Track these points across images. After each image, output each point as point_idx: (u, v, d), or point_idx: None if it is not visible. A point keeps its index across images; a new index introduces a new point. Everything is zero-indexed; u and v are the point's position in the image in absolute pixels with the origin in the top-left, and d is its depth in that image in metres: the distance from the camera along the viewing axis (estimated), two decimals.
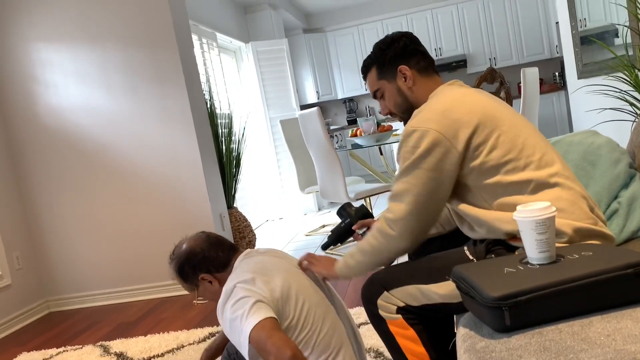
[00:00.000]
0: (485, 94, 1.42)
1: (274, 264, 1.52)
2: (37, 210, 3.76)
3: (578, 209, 1.27)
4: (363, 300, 1.42)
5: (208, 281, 1.57)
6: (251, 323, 1.33)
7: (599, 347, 0.88)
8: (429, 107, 1.36)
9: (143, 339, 2.82)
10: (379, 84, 1.55)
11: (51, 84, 3.64)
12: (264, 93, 5.99)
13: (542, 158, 1.31)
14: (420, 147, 1.31)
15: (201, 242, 1.59)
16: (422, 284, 1.32)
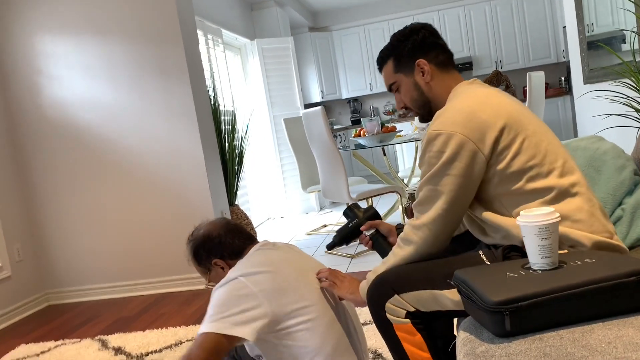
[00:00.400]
0: (507, 96, 1.38)
1: (287, 262, 1.50)
2: (39, 202, 3.77)
3: (597, 221, 1.25)
4: (369, 301, 1.35)
5: (220, 267, 1.58)
6: (205, 327, 1.35)
7: (600, 355, 0.87)
8: (454, 108, 1.31)
9: (141, 334, 2.82)
10: (395, 77, 1.49)
11: (55, 77, 3.64)
12: (268, 91, 5.98)
13: (564, 165, 1.28)
14: (446, 151, 1.26)
15: (219, 228, 1.59)
16: (436, 289, 1.26)
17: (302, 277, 1.48)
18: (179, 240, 3.64)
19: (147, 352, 2.56)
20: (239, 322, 1.34)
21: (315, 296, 1.46)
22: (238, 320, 1.34)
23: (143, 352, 2.57)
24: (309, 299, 1.44)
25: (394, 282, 1.31)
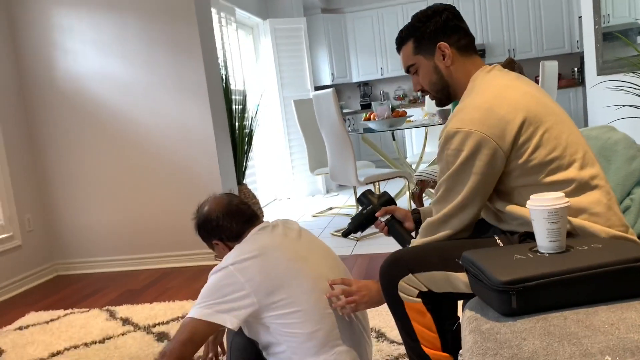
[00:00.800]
0: (526, 83, 1.36)
1: (280, 248, 1.51)
2: (50, 174, 3.81)
3: (614, 215, 1.25)
4: (383, 278, 1.35)
5: (220, 247, 1.63)
6: (191, 313, 1.43)
7: (602, 335, 0.89)
8: (472, 105, 1.30)
9: (149, 306, 2.87)
10: (415, 59, 1.46)
11: (70, 50, 3.66)
12: (279, 72, 5.97)
13: (585, 156, 1.28)
14: (464, 149, 1.26)
15: (220, 209, 1.61)
16: (451, 271, 1.27)
17: (294, 263, 1.48)
18: (187, 217, 3.68)
19: (155, 324, 2.61)
20: (223, 310, 1.41)
21: (309, 283, 1.47)
22: (222, 309, 1.41)
23: (150, 323, 2.63)
24: (300, 287, 1.46)
25: (409, 262, 1.32)
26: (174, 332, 2.46)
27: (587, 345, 0.87)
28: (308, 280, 1.48)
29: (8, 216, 3.52)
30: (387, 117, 4.29)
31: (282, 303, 1.44)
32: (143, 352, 2.30)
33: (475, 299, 1.20)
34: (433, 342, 1.35)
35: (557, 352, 0.87)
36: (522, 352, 0.89)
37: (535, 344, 0.90)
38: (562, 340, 0.90)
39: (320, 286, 1.49)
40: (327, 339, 1.47)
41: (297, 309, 1.45)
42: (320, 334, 1.46)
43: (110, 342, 2.45)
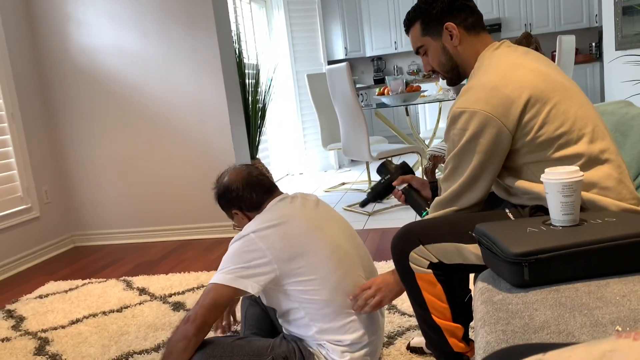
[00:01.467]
0: (535, 59, 1.36)
1: (300, 217, 1.53)
2: (67, 147, 3.86)
3: (625, 188, 1.26)
4: (394, 250, 1.39)
5: (240, 217, 1.66)
6: (214, 279, 1.46)
7: (614, 306, 0.91)
8: (477, 84, 1.31)
9: (164, 277, 2.93)
10: (423, 40, 1.47)
11: (84, 23, 3.66)
12: (292, 46, 5.93)
13: (594, 130, 1.27)
14: (469, 129, 1.28)
15: (240, 180, 1.64)
16: (461, 243, 1.29)
17: (313, 232, 1.51)
18: (202, 190, 3.72)
19: (170, 294, 2.67)
20: (244, 275, 1.44)
21: (326, 252, 1.50)
22: (245, 275, 1.44)
23: (166, 293, 2.68)
24: (318, 255, 1.49)
25: (421, 233, 1.34)
26: (189, 302, 2.52)
27: (598, 316, 0.88)
28: (326, 248, 1.51)
29: (26, 188, 3.58)
30: (400, 92, 4.27)
31: (301, 270, 1.47)
32: (160, 321, 2.35)
33: (488, 270, 1.22)
34: (444, 312, 1.38)
35: (568, 322, 0.88)
36: (533, 322, 0.91)
37: (546, 314, 0.92)
38: (573, 311, 0.91)
39: (337, 255, 1.52)
40: (344, 306, 1.51)
41: (315, 276, 1.48)
42: (337, 301, 1.50)
43: (128, 311, 2.51)
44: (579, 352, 0.42)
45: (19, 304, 2.76)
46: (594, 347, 0.42)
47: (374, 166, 6.04)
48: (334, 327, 1.51)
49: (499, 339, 0.89)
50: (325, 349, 1.53)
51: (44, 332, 2.37)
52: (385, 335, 1.96)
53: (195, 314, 1.43)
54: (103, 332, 2.31)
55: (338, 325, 1.51)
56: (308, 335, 1.54)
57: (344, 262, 1.53)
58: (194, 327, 1.43)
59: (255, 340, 1.55)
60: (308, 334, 1.53)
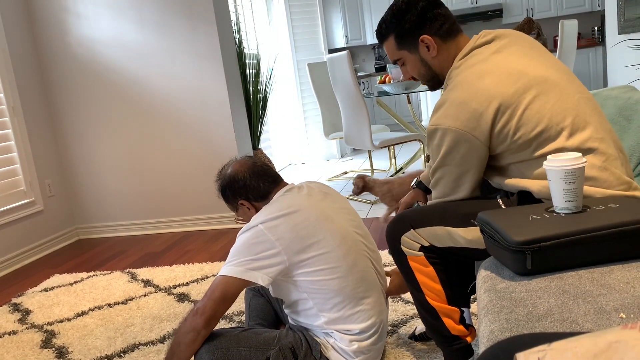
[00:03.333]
0: (509, 54, 1.34)
1: (308, 207, 1.53)
2: (69, 139, 3.86)
3: (611, 175, 1.25)
4: (388, 234, 1.45)
5: (246, 207, 1.63)
6: (222, 271, 1.46)
7: (618, 293, 0.90)
8: (448, 99, 1.33)
9: (169, 269, 2.94)
10: (400, 54, 1.47)
11: (83, 15, 3.65)
12: (293, 35, 5.90)
13: (573, 121, 1.27)
14: (443, 145, 1.33)
15: (246, 169, 1.63)
16: (450, 226, 1.34)
17: (322, 222, 1.51)
18: (204, 181, 3.72)
19: (175, 285, 2.68)
20: (254, 268, 1.44)
21: (335, 241, 1.50)
22: (254, 267, 1.44)
23: (171, 284, 2.70)
24: (327, 245, 1.49)
25: (412, 219, 1.41)
26: (194, 293, 2.53)
27: (601, 303, 0.88)
28: (335, 238, 1.50)
29: (29, 182, 3.59)
30: (402, 80, 4.24)
31: (311, 261, 1.47)
32: (165, 312, 2.37)
33: (491, 258, 1.22)
34: (438, 294, 1.42)
35: (571, 310, 0.88)
36: (536, 309, 0.91)
37: (550, 302, 0.92)
38: (577, 298, 0.91)
39: (347, 244, 1.52)
40: (353, 295, 1.51)
41: (325, 266, 1.48)
42: (346, 290, 1.51)
43: (133, 303, 2.52)
44: (584, 343, 0.41)
45: (24, 297, 2.78)
46: (599, 337, 0.41)
47: (376, 155, 6.03)
48: (343, 317, 1.52)
49: (502, 328, 0.89)
50: (332, 338, 1.53)
51: (49, 325, 2.39)
52: (389, 323, 1.97)
53: (204, 306, 1.43)
54: (109, 324, 2.32)
55: (347, 314, 1.52)
56: (316, 325, 1.54)
57: (352, 251, 1.53)
58: (203, 320, 1.43)
59: (261, 332, 1.55)
60: (316, 323, 1.54)
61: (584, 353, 0.41)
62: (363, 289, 1.53)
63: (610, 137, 1.30)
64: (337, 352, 1.53)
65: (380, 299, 1.60)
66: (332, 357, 1.53)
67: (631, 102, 1.62)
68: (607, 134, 1.30)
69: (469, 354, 1.46)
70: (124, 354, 2.03)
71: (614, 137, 1.32)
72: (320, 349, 1.53)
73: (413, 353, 1.77)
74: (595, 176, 1.25)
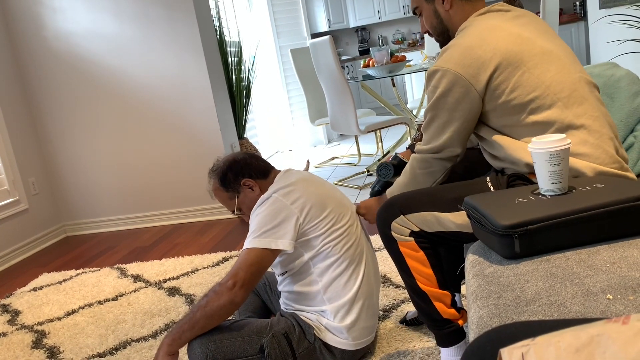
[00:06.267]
0: (521, 24, 1.36)
1: (313, 181, 1.62)
2: (50, 136, 3.80)
3: (603, 152, 1.25)
4: (378, 221, 1.46)
5: (249, 187, 1.65)
6: (248, 244, 1.48)
7: (604, 274, 0.90)
8: (455, 44, 1.35)
9: (158, 263, 2.92)
10: (418, 2, 1.51)
11: (59, 9, 3.57)
12: (274, 20, 5.83)
13: (571, 95, 1.28)
14: (440, 87, 1.34)
15: (241, 154, 1.70)
16: (440, 211, 1.35)
17: (328, 194, 1.60)
18: (190, 173, 3.69)
19: (165, 279, 2.66)
20: (278, 235, 1.48)
21: (341, 209, 1.59)
22: (277, 234, 1.47)
23: (161, 279, 2.68)
24: (339, 210, 1.58)
25: (402, 204, 1.41)
26: (184, 287, 2.51)
27: (589, 285, 0.88)
28: (341, 206, 1.60)
29: (12, 180, 3.54)
30: (386, 63, 4.22)
31: (322, 223, 1.54)
32: (156, 307, 2.35)
33: (478, 242, 1.22)
34: (428, 278, 1.43)
35: (559, 293, 0.88)
36: (525, 294, 0.90)
37: (538, 285, 0.92)
38: (564, 281, 0.91)
39: (350, 214, 1.63)
40: (351, 258, 1.58)
41: (334, 227, 1.55)
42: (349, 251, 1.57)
43: (123, 299, 2.51)
44: (567, 337, 0.41)
45: (13, 297, 2.75)
46: (582, 331, 0.41)
47: (363, 139, 6.02)
48: (337, 282, 1.56)
49: (491, 314, 0.89)
50: (325, 317, 1.55)
51: (40, 325, 2.37)
52: (380, 309, 1.98)
53: (242, 279, 1.44)
54: (99, 321, 2.31)
55: (342, 279, 1.56)
56: (311, 295, 1.57)
57: (352, 220, 1.62)
58: (243, 291, 1.44)
59: (253, 321, 1.57)
60: (313, 290, 1.57)
61: (567, 347, 0.41)
62: (359, 252, 1.60)
63: (605, 119, 1.31)
64: (330, 332, 1.55)
65: (372, 271, 1.65)
66: (326, 338, 1.55)
67: (614, 80, 1.61)
68: (602, 115, 1.31)
69: (461, 337, 1.47)
70: (116, 351, 2.02)
71: (609, 120, 1.33)
72: (313, 332, 1.54)
73: (405, 337, 1.77)
74: (587, 152, 1.25)
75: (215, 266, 2.74)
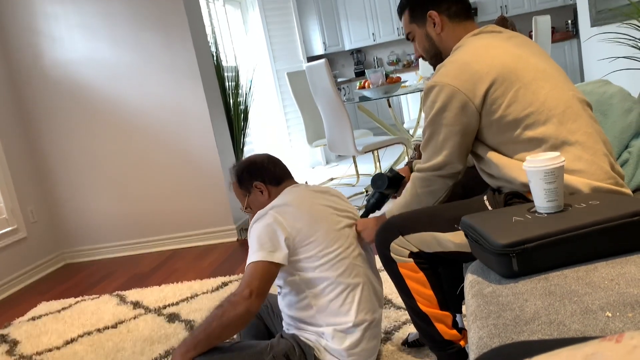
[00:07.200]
0: (516, 44, 1.38)
1: (316, 199, 1.63)
2: (49, 164, 3.81)
3: (598, 168, 1.26)
4: (377, 242, 1.46)
5: (259, 190, 1.70)
6: (251, 258, 1.50)
7: (603, 291, 0.90)
8: (450, 61, 1.37)
9: (158, 289, 2.91)
10: (411, 27, 1.53)
11: (57, 38, 3.61)
12: (270, 45, 5.90)
13: (565, 111, 1.29)
14: (437, 102, 1.34)
15: (263, 156, 1.77)
16: (438, 232, 1.34)
17: (321, 217, 1.59)
18: (189, 198, 3.69)
19: (165, 305, 2.65)
20: (274, 249, 1.50)
21: (339, 234, 1.58)
22: (273, 249, 1.50)
23: (160, 305, 2.66)
24: (330, 235, 1.56)
25: (400, 225, 1.41)
26: (184, 313, 2.50)
27: (587, 302, 0.88)
28: (331, 231, 1.59)
29: (11, 209, 3.53)
30: (381, 84, 4.26)
31: (311, 245, 1.54)
32: (155, 334, 2.33)
33: (477, 262, 1.22)
34: (429, 299, 1.42)
35: (558, 311, 0.88)
36: (524, 313, 0.90)
37: (536, 304, 0.92)
38: (563, 299, 0.91)
39: (345, 233, 1.62)
40: (345, 283, 1.55)
41: (323, 250, 1.54)
42: (341, 278, 1.55)
43: (123, 326, 2.48)
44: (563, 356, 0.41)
45: (12, 327, 2.72)
46: (577, 350, 0.41)
47: (361, 160, 6.03)
48: (333, 306, 1.54)
49: (491, 334, 0.89)
50: (324, 339, 1.53)
51: (38, 354, 2.34)
52: (382, 331, 1.96)
53: (257, 287, 1.46)
54: (99, 350, 2.29)
55: (337, 304, 1.54)
56: (307, 319, 1.55)
57: (347, 240, 1.61)
58: (259, 300, 1.46)
59: (254, 343, 1.58)
60: (307, 314, 1.55)
61: None
62: (354, 276, 1.58)
63: (599, 136, 1.32)
64: (330, 354, 1.54)
65: (371, 295, 1.62)
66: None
67: (606, 97, 1.63)
68: (596, 132, 1.32)
69: (463, 358, 1.45)
70: None
71: (603, 137, 1.33)
72: (313, 353, 1.53)
73: None
74: (582, 169, 1.25)
75: (215, 291, 2.72)
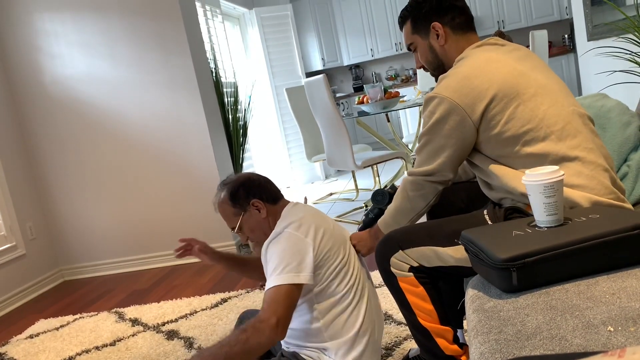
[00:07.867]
0: (517, 58, 1.39)
1: (322, 216, 1.62)
2: (48, 181, 3.81)
3: (599, 184, 1.26)
4: (377, 256, 1.45)
5: (257, 208, 1.62)
6: (274, 282, 1.43)
7: (604, 305, 0.90)
8: (452, 73, 1.37)
9: (157, 306, 2.89)
10: (413, 38, 1.54)
11: (57, 55, 3.63)
12: (269, 61, 5.93)
13: (564, 128, 1.29)
14: (436, 113, 1.35)
15: (257, 175, 1.70)
16: (438, 246, 1.34)
17: (335, 231, 1.59)
18: (187, 213, 3.68)
19: (164, 322, 2.63)
20: (299, 270, 1.45)
21: (348, 248, 1.59)
22: (298, 269, 1.45)
23: (159, 322, 2.64)
24: (342, 249, 1.56)
25: (400, 239, 1.40)
26: (183, 330, 2.47)
27: (589, 317, 0.88)
28: (343, 242, 1.59)
29: (9, 226, 3.52)
30: (380, 99, 4.27)
31: (331, 258, 1.52)
32: (154, 352, 2.31)
33: (477, 277, 1.21)
34: (430, 314, 1.42)
35: (559, 326, 0.87)
36: (525, 328, 0.90)
37: (538, 319, 0.91)
38: (564, 313, 0.90)
39: (351, 251, 1.61)
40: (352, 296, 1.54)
41: (337, 263, 1.52)
42: (350, 289, 1.54)
43: (121, 344, 2.46)
44: None
45: (9, 345, 2.70)
46: None
47: (360, 175, 6.03)
48: (338, 320, 1.52)
49: (492, 349, 0.88)
50: (327, 355, 1.52)
51: None
52: (382, 347, 1.94)
53: (283, 317, 1.40)
54: None
55: (344, 317, 1.53)
56: (312, 332, 1.53)
57: (353, 258, 1.60)
58: (283, 330, 1.40)
59: None
60: (312, 327, 1.53)
61: None
62: (361, 287, 1.57)
63: (600, 151, 1.31)
64: None
65: (373, 309, 1.62)
66: None
67: (604, 111, 1.63)
68: (596, 147, 1.32)
69: None
70: None
71: (604, 152, 1.33)
72: None
73: None
74: (583, 184, 1.25)
75: (214, 307, 2.70)
